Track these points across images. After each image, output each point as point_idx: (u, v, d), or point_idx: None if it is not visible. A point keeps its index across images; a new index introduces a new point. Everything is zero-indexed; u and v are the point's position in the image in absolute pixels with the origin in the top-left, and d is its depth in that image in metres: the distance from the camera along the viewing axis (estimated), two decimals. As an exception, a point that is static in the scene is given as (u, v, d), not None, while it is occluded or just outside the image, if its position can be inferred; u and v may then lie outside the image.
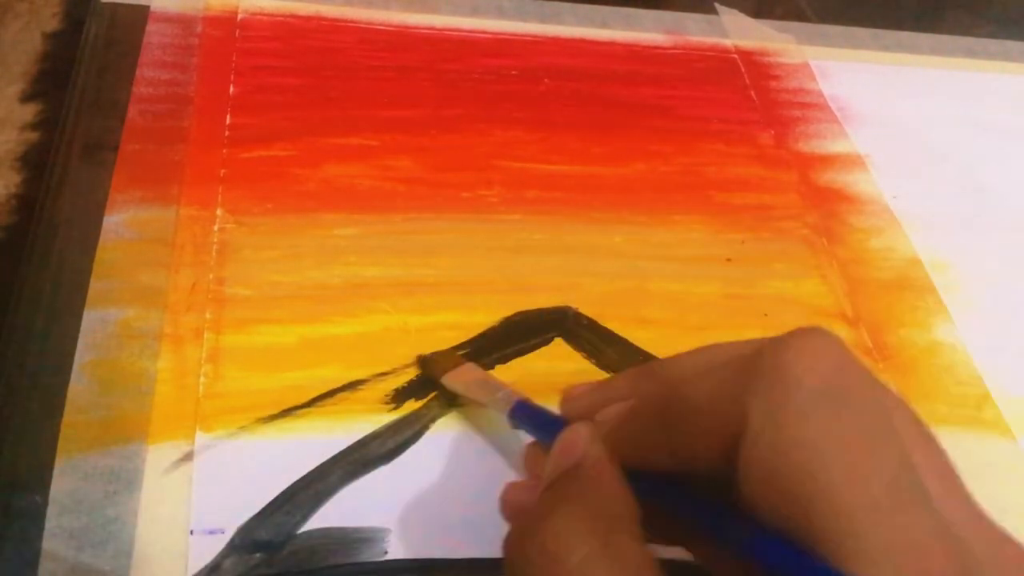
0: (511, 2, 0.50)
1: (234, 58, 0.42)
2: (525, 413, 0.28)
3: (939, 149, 0.47)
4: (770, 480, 0.18)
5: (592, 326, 0.35)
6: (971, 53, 0.54)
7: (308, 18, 0.45)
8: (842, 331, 0.37)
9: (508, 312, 0.34)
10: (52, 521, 0.26)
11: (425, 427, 0.31)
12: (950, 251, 0.41)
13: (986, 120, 0.50)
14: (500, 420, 0.29)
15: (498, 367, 0.33)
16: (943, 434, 0.34)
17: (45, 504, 0.26)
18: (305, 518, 0.27)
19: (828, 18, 0.55)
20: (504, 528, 0.22)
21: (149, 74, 0.40)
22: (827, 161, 0.45)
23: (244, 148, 0.38)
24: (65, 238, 0.33)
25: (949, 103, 0.51)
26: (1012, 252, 0.43)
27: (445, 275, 0.35)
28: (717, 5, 0.52)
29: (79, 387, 0.29)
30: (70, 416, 0.28)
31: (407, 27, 0.46)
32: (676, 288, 0.37)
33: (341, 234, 0.36)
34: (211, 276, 0.33)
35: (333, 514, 0.28)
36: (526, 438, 0.27)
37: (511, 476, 0.29)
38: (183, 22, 0.43)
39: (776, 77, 0.49)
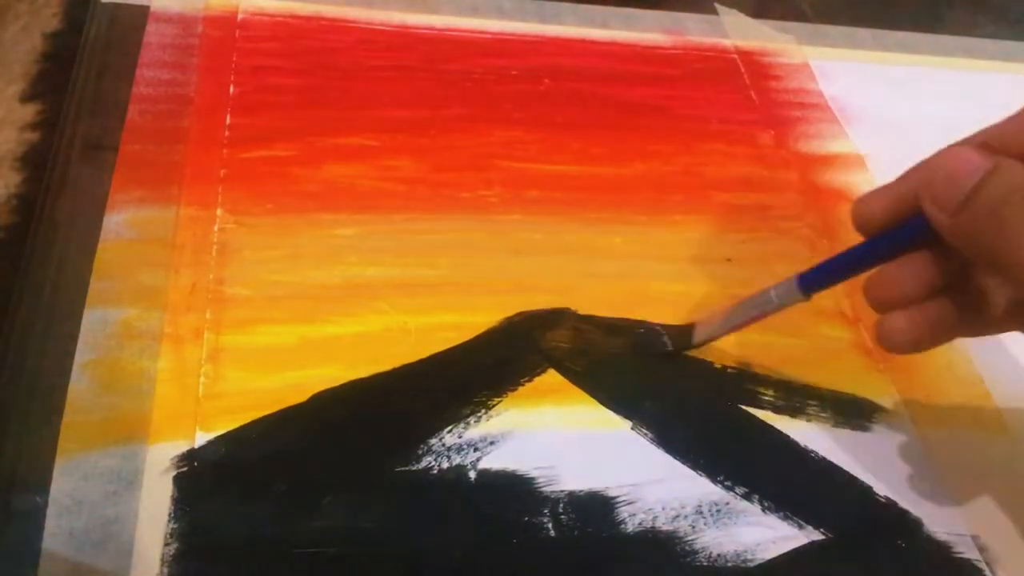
0: (511, 2, 0.50)
1: (234, 58, 0.42)
2: (824, 270, 0.29)
3: (939, 149, 0.47)
4: None
5: (593, 319, 0.35)
6: (971, 53, 0.54)
7: (308, 18, 0.45)
8: (842, 331, 0.37)
9: (508, 312, 0.34)
10: (52, 521, 0.26)
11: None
12: (950, 251, 0.41)
13: (986, 120, 0.50)
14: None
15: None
16: (943, 434, 0.34)
17: (45, 504, 0.26)
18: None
19: (828, 18, 0.55)
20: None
21: (149, 74, 0.40)
22: (827, 161, 0.45)
23: (244, 148, 0.38)
24: (65, 238, 0.33)
25: (949, 103, 0.51)
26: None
27: (445, 275, 0.35)
28: (717, 5, 0.52)
29: (79, 387, 0.29)
30: (70, 416, 0.28)
31: (407, 27, 0.46)
32: (676, 288, 0.37)
33: (341, 234, 0.36)
34: (211, 276, 0.33)
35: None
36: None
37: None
38: (183, 22, 0.43)
39: (776, 77, 0.49)
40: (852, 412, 0.34)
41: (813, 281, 0.30)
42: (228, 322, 0.32)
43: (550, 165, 0.41)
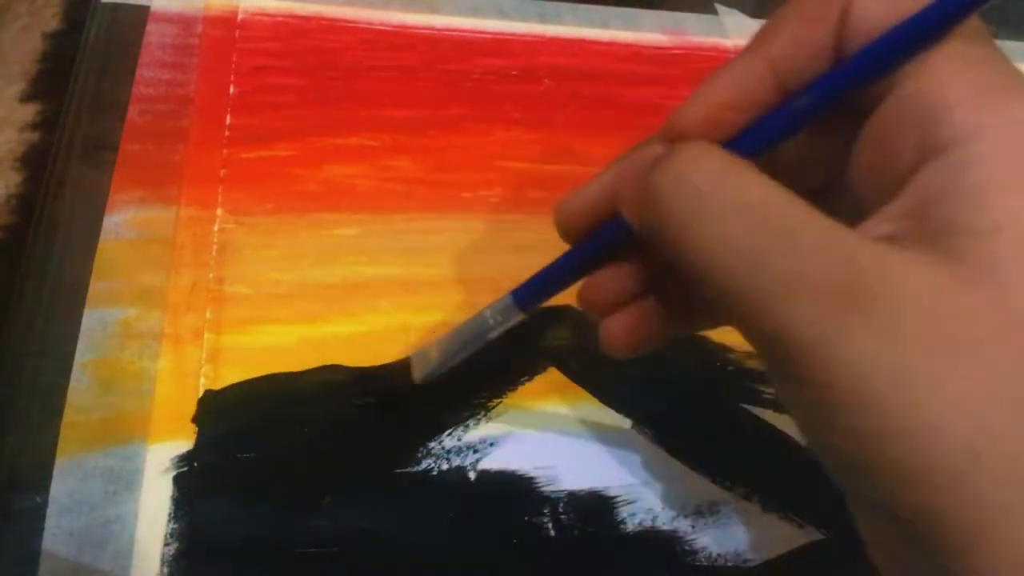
0: (511, 2, 0.50)
1: (234, 58, 0.42)
2: (536, 283, 0.26)
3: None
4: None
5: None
6: (971, 53, 0.54)
7: (308, 18, 0.45)
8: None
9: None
10: (52, 521, 0.26)
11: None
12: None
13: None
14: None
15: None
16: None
17: (45, 504, 0.26)
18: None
19: (828, 18, 0.55)
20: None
21: (149, 74, 0.40)
22: (827, 161, 0.45)
23: (244, 148, 0.38)
24: (65, 238, 0.33)
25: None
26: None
27: (445, 275, 0.35)
28: (717, 5, 0.52)
29: (79, 387, 0.29)
30: (70, 416, 0.28)
31: (407, 27, 0.46)
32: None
33: (341, 234, 0.36)
34: (211, 276, 0.33)
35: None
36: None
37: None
38: (183, 22, 0.43)
39: (776, 77, 0.49)
40: (852, 412, 0.34)
41: (527, 296, 0.26)
42: (228, 322, 0.32)
43: (550, 165, 0.41)
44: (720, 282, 0.18)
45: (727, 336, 0.35)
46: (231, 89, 0.40)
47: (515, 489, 0.29)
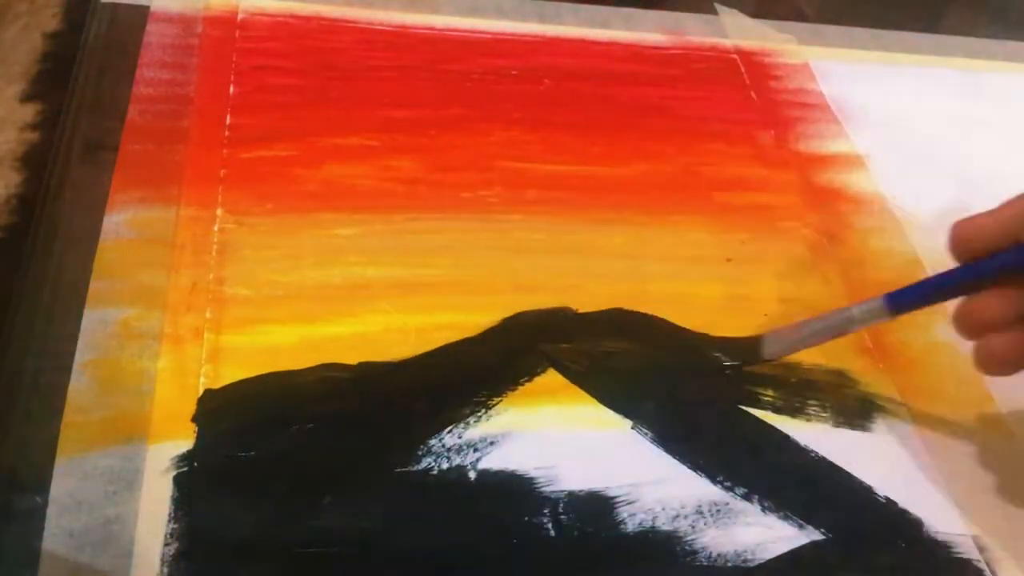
0: (511, 2, 0.50)
1: (234, 58, 0.42)
2: (915, 291, 0.30)
3: (939, 149, 0.47)
4: None
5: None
6: (971, 53, 0.54)
7: (308, 18, 0.45)
8: (842, 331, 0.37)
9: (508, 312, 0.34)
10: (52, 521, 0.26)
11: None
12: (950, 251, 0.41)
13: (986, 120, 0.50)
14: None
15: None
16: (943, 434, 0.34)
17: (45, 504, 0.26)
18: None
19: (828, 18, 0.55)
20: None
21: (149, 74, 0.40)
22: (827, 161, 0.45)
23: (244, 148, 0.38)
24: (65, 238, 0.33)
25: (949, 103, 0.51)
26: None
27: (445, 275, 0.35)
28: (717, 5, 0.52)
29: (79, 387, 0.29)
30: (70, 416, 0.28)
31: (407, 27, 0.46)
32: (676, 288, 0.37)
33: (341, 234, 0.36)
34: (211, 276, 0.33)
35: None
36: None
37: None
38: (183, 22, 0.43)
39: (776, 77, 0.49)
40: (852, 412, 0.34)
41: (903, 302, 0.30)
42: (228, 322, 0.32)
43: (550, 165, 0.41)
44: None
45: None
46: (231, 89, 0.40)
47: (515, 489, 0.29)
